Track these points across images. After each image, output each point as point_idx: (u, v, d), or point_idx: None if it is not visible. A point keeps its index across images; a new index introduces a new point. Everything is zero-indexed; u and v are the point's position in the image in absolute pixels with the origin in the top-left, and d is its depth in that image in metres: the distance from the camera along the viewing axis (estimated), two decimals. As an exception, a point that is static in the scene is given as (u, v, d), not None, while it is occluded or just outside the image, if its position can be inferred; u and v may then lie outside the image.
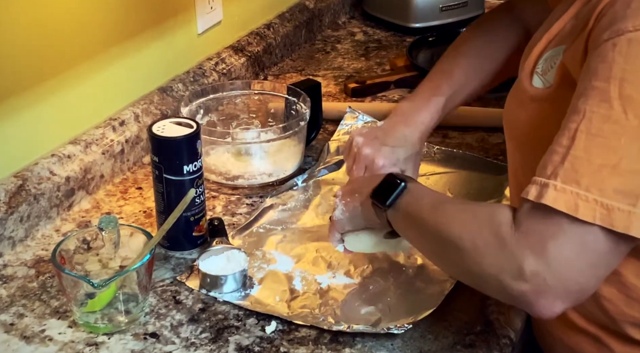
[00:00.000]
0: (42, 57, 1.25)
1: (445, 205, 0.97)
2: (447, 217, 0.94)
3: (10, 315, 1.08)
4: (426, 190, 1.02)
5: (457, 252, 0.91)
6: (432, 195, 1.01)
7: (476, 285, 0.93)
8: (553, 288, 0.84)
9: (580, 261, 0.83)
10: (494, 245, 0.86)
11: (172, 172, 1.15)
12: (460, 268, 0.94)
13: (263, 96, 1.48)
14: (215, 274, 1.11)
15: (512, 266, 0.84)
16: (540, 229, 0.84)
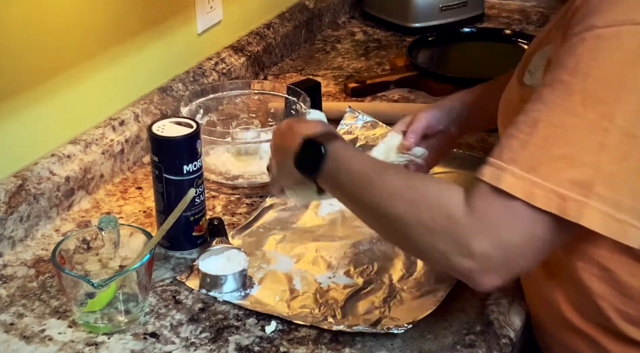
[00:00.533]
0: (42, 56, 1.25)
1: (382, 176, 0.95)
2: (388, 192, 0.93)
3: (10, 315, 1.08)
4: (352, 154, 1.00)
5: (400, 227, 0.92)
6: (360, 162, 0.98)
7: (415, 255, 0.96)
8: (498, 268, 0.87)
9: (528, 246, 0.86)
10: (444, 225, 0.88)
11: (172, 172, 1.15)
12: (401, 240, 0.96)
13: (263, 96, 1.48)
14: (215, 274, 1.11)
15: (462, 246, 0.86)
16: (495, 213, 0.86)
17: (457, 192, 0.88)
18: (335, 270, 1.16)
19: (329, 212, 1.29)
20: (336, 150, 0.99)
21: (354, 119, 1.50)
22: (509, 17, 2.06)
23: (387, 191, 0.93)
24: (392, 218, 0.92)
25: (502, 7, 2.12)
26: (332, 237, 1.23)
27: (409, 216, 0.90)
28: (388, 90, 1.69)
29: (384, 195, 0.93)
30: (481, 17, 2.03)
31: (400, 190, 0.92)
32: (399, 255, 1.19)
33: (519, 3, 2.14)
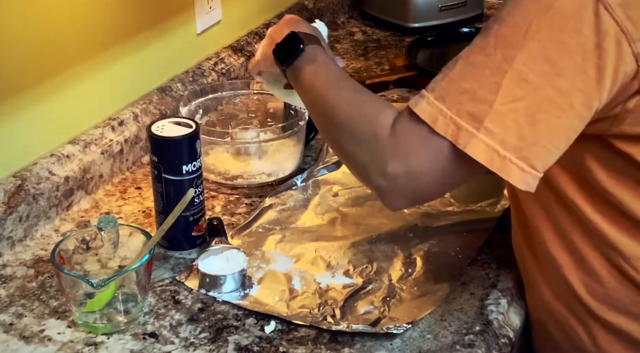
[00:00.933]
0: (41, 57, 1.25)
1: (340, 85, 1.04)
2: (337, 99, 1.01)
3: (10, 315, 1.08)
4: (324, 60, 1.09)
5: (337, 132, 1.01)
6: (328, 68, 1.08)
7: (345, 162, 1.02)
8: (404, 190, 0.94)
9: (432, 172, 0.93)
10: (369, 141, 0.95)
11: (171, 172, 1.15)
12: (337, 145, 1.03)
13: (262, 96, 1.48)
14: (215, 274, 1.11)
15: (379, 164, 0.94)
16: (408, 138, 0.93)
17: (390, 113, 0.95)
18: (334, 270, 1.16)
19: (329, 211, 1.30)
20: (312, 53, 1.09)
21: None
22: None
23: (337, 99, 1.02)
24: (333, 124, 1.01)
25: (501, 7, 2.11)
26: (331, 237, 1.23)
27: (346, 125, 0.99)
28: (387, 90, 1.69)
29: (334, 102, 1.02)
30: (480, 17, 2.03)
31: (347, 101, 1.00)
32: (398, 255, 1.19)
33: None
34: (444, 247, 1.21)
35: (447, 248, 1.21)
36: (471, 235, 1.23)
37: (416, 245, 1.22)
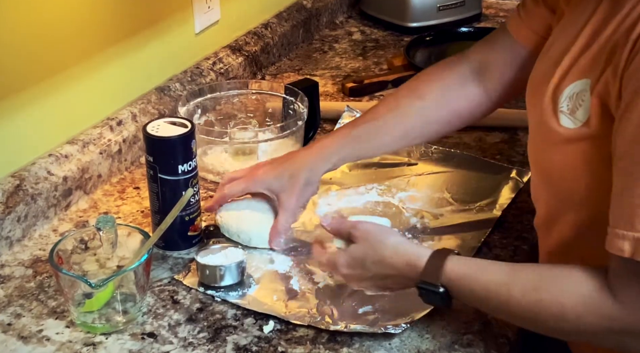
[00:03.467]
0: (40, 56, 1.25)
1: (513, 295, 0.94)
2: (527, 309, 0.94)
3: (8, 315, 1.08)
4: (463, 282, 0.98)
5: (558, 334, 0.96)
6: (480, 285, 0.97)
7: None
8: None
9: None
10: (599, 327, 0.89)
11: (167, 172, 1.15)
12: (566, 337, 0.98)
13: (261, 96, 1.48)
14: (214, 265, 1.11)
15: (633, 337, 0.88)
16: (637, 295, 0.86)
17: (591, 282, 0.89)
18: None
19: (328, 211, 1.29)
20: (451, 284, 0.98)
21: (352, 118, 1.50)
22: (507, 17, 2.06)
23: (525, 310, 0.94)
24: (544, 330, 0.95)
25: (499, 6, 2.12)
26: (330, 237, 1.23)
27: (560, 330, 0.93)
28: (386, 90, 1.69)
29: (525, 314, 0.94)
30: (478, 16, 2.03)
31: (538, 307, 0.92)
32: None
33: (516, 2, 2.13)
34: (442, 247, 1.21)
35: (446, 248, 1.21)
36: (470, 235, 1.23)
37: (415, 244, 1.22)
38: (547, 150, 1.02)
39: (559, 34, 1.05)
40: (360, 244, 1.05)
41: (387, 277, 1.03)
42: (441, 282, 0.98)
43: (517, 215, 1.27)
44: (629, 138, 0.86)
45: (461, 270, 0.98)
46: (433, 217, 1.28)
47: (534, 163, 1.07)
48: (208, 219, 1.26)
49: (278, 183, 1.18)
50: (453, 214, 1.29)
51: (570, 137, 0.96)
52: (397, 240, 1.05)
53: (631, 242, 0.85)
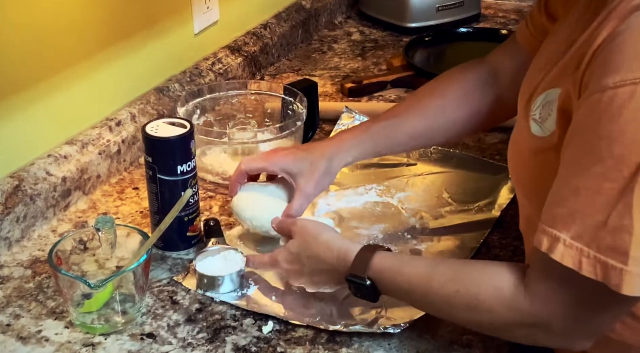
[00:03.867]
0: (39, 57, 1.25)
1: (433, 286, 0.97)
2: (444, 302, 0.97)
3: (7, 316, 1.08)
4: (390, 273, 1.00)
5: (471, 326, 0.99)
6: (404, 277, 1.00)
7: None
8: (582, 335, 0.91)
9: (600, 312, 0.88)
10: (510, 320, 0.92)
11: (166, 172, 1.15)
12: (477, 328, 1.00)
13: (260, 96, 1.48)
14: (212, 275, 1.11)
15: (540, 329, 0.90)
16: (553, 291, 0.88)
17: (507, 276, 0.91)
18: (332, 270, 1.16)
19: (326, 212, 1.29)
20: (377, 277, 1.01)
21: (351, 119, 1.50)
22: (505, 17, 2.06)
23: (442, 301, 0.97)
24: (459, 321, 0.99)
25: (498, 7, 2.12)
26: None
27: (473, 322, 0.96)
28: (385, 90, 1.69)
29: (442, 306, 0.97)
30: (477, 17, 2.03)
31: (454, 298, 0.95)
32: (396, 255, 1.19)
33: (515, 3, 2.14)
34: (441, 248, 1.21)
35: (445, 248, 1.21)
36: (469, 235, 1.23)
37: (413, 246, 1.22)
38: (519, 156, 1.04)
39: (549, 40, 1.06)
40: (297, 239, 1.09)
41: (322, 273, 1.07)
42: (367, 275, 1.01)
43: (516, 216, 1.26)
44: (569, 134, 0.89)
45: (386, 264, 1.01)
46: (432, 218, 1.28)
47: (510, 167, 1.08)
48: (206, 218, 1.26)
49: (297, 167, 1.18)
50: (452, 214, 1.29)
51: (538, 146, 0.97)
52: (330, 235, 1.08)
53: (549, 238, 0.87)
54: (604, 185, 0.84)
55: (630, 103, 0.82)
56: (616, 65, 0.84)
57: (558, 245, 0.86)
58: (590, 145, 0.85)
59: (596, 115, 0.84)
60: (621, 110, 0.82)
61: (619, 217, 0.83)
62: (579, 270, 0.85)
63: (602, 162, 0.84)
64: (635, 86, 0.82)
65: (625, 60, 0.83)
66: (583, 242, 0.84)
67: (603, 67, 0.85)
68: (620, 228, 0.83)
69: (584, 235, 0.84)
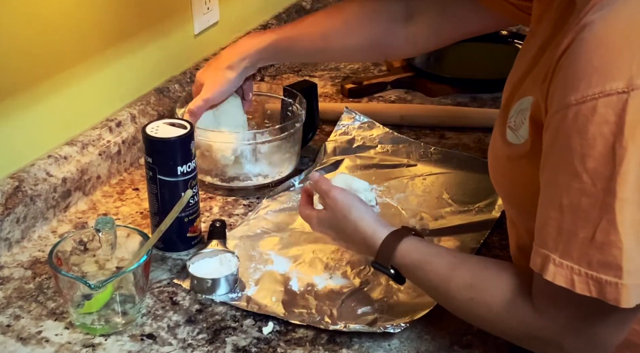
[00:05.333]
0: (39, 58, 1.25)
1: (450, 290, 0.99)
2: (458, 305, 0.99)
3: (7, 317, 1.08)
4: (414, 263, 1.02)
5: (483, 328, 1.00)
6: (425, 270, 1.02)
7: None
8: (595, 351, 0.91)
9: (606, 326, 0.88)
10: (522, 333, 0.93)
11: (166, 173, 1.15)
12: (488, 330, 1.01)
13: (259, 97, 1.48)
14: (202, 277, 1.11)
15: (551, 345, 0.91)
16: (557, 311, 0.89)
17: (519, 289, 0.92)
18: (332, 272, 1.16)
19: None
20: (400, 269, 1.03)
21: (351, 119, 1.51)
22: None
23: (459, 305, 0.99)
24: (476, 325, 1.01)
25: (498, 7, 2.11)
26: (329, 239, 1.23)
27: (488, 329, 0.98)
28: (385, 91, 1.69)
29: (458, 310, 1.00)
30: (478, 17, 2.03)
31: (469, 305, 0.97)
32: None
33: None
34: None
35: (445, 249, 1.21)
36: (469, 236, 1.23)
37: (414, 246, 1.21)
38: (496, 162, 1.04)
39: (529, 42, 1.06)
40: (328, 212, 1.12)
41: (351, 247, 1.13)
42: (391, 265, 1.03)
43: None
44: (544, 152, 0.89)
45: (409, 258, 1.02)
46: (432, 218, 1.28)
47: (490, 171, 1.08)
48: (208, 220, 1.26)
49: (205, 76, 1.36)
50: (452, 215, 1.29)
51: (511, 153, 0.98)
52: (359, 215, 1.09)
53: (541, 259, 0.87)
54: (582, 200, 0.84)
55: (593, 118, 0.82)
56: (575, 80, 0.84)
57: (549, 266, 0.86)
58: (564, 162, 0.85)
59: (564, 132, 0.85)
60: (587, 126, 0.82)
61: (605, 233, 0.83)
62: (572, 288, 0.85)
63: (578, 177, 0.84)
64: (596, 101, 0.82)
65: (584, 75, 0.83)
66: (573, 260, 0.85)
67: (564, 84, 0.85)
68: (609, 244, 0.83)
69: (573, 253, 0.85)
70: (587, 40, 0.84)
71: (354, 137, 1.48)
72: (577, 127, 0.83)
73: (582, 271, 0.84)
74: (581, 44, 0.84)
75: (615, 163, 0.81)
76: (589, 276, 0.84)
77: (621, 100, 0.81)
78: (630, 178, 0.81)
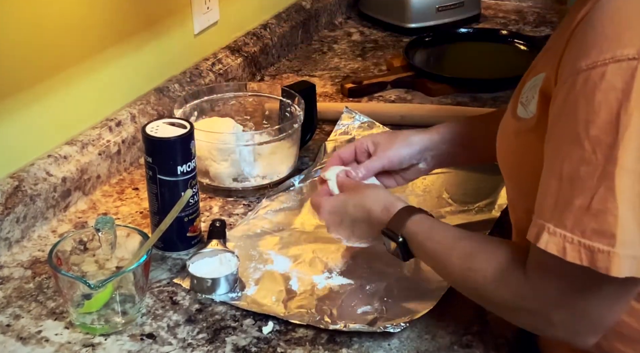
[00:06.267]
0: (39, 57, 1.25)
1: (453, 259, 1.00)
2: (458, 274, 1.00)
3: (7, 316, 1.08)
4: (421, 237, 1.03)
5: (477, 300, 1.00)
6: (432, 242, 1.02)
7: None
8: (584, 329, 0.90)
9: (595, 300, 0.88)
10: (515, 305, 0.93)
11: (166, 173, 1.15)
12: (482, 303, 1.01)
13: (258, 98, 1.48)
14: (201, 277, 1.11)
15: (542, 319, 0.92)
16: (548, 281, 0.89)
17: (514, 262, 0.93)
18: (332, 271, 1.16)
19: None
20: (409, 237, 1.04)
21: (351, 119, 1.51)
22: (506, 18, 2.06)
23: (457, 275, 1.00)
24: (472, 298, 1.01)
25: (498, 7, 2.12)
26: (329, 239, 1.23)
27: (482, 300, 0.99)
28: (385, 91, 1.69)
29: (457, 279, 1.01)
30: (477, 17, 2.03)
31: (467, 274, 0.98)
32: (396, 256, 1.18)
33: (515, 3, 2.14)
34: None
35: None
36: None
37: (414, 245, 1.21)
38: (504, 138, 1.05)
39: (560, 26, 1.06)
40: (348, 190, 1.14)
41: (363, 222, 1.10)
42: (401, 233, 1.04)
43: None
44: (550, 122, 0.89)
45: (420, 227, 1.03)
46: (432, 218, 1.28)
47: (497, 149, 1.09)
48: (207, 220, 1.26)
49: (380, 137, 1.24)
50: (452, 215, 1.29)
51: (519, 127, 0.99)
52: (381, 191, 1.12)
53: (536, 228, 0.87)
54: (581, 168, 0.84)
55: (601, 84, 0.83)
56: (587, 47, 0.84)
57: (543, 234, 0.86)
58: (569, 130, 0.85)
59: (573, 99, 0.85)
60: (594, 92, 0.83)
61: (602, 200, 0.83)
62: (564, 256, 0.85)
63: (580, 145, 0.84)
64: (605, 67, 0.83)
65: (596, 42, 0.84)
66: (566, 229, 0.85)
67: (577, 50, 0.86)
68: (604, 212, 0.83)
69: (567, 222, 0.85)
70: (602, 9, 0.85)
71: (354, 137, 1.48)
72: (585, 93, 0.84)
73: (575, 239, 0.84)
74: (596, 13, 0.85)
75: (619, 130, 0.82)
76: (582, 244, 0.84)
77: (631, 66, 0.81)
78: (632, 145, 0.82)
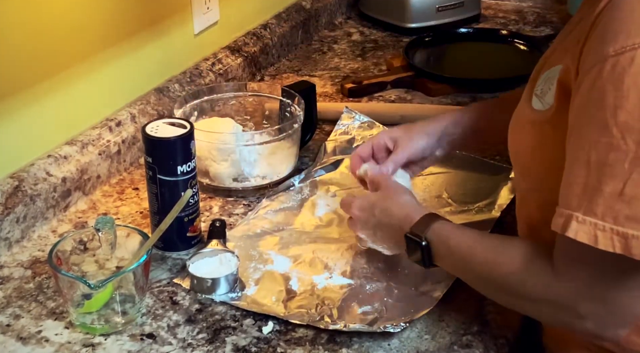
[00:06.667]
0: (39, 57, 1.25)
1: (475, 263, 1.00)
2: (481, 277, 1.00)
3: (7, 316, 1.08)
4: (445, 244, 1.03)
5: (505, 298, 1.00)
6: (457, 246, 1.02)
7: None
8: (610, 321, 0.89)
9: (626, 290, 0.87)
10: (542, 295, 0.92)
11: (166, 173, 1.15)
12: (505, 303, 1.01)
13: (258, 98, 1.48)
14: (202, 277, 1.11)
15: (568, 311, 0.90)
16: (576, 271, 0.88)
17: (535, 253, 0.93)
18: (332, 271, 1.16)
19: (326, 212, 1.29)
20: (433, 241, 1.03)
21: (351, 119, 1.50)
22: (505, 18, 2.06)
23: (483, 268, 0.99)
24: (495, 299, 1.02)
25: (498, 7, 2.12)
26: (329, 239, 1.23)
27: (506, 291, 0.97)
28: (385, 91, 1.69)
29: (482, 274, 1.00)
30: (477, 17, 2.03)
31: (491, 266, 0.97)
32: (396, 256, 1.18)
33: (515, 3, 2.14)
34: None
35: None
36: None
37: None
38: (518, 129, 1.04)
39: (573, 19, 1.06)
40: (380, 192, 1.14)
41: (386, 228, 1.10)
42: (425, 236, 1.03)
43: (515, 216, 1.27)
44: (574, 112, 0.89)
45: (444, 231, 1.03)
46: (432, 218, 1.28)
47: (509, 141, 1.08)
48: (207, 220, 1.26)
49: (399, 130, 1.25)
50: (452, 215, 1.29)
51: (535, 119, 0.98)
52: (409, 199, 1.12)
53: (563, 218, 0.87)
54: (610, 155, 0.83)
55: (630, 69, 0.82)
56: (614, 33, 0.84)
57: (572, 223, 0.85)
58: (596, 117, 0.84)
59: (600, 86, 0.84)
60: (623, 77, 0.82)
61: (635, 186, 0.82)
62: (595, 244, 0.84)
63: (609, 131, 0.83)
64: (635, 51, 0.82)
65: (623, 27, 0.83)
66: (597, 216, 0.84)
67: (602, 37, 0.85)
68: (638, 197, 0.82)
69: (597, 209, 0.84)
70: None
71: (354, 137, 1.48)
72: (613, 79, 0.83)
73: (607, 226, 0.83)
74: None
75: None
76: (614, 231, 0.83)
77: None
78: None
